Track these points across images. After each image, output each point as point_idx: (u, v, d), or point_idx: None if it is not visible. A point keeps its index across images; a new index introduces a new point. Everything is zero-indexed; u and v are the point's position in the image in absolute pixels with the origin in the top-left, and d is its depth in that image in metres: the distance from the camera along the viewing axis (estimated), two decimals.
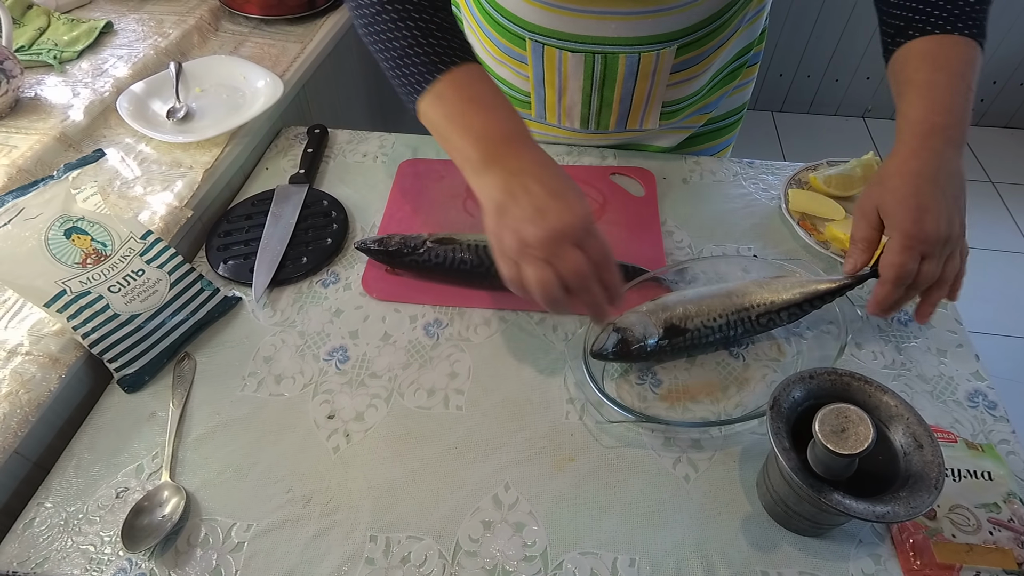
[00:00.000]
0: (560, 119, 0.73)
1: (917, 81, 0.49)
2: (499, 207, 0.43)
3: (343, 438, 0.51)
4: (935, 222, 0.46)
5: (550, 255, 0.42)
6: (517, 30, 0.65)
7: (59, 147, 0.70)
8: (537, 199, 0.42)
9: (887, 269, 0.48)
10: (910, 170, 0.48)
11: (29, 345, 0.53)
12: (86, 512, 0.47)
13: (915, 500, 0.36)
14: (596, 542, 0.45)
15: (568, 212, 0.42)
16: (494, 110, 0.47)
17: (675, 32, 0.62)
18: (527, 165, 0.44)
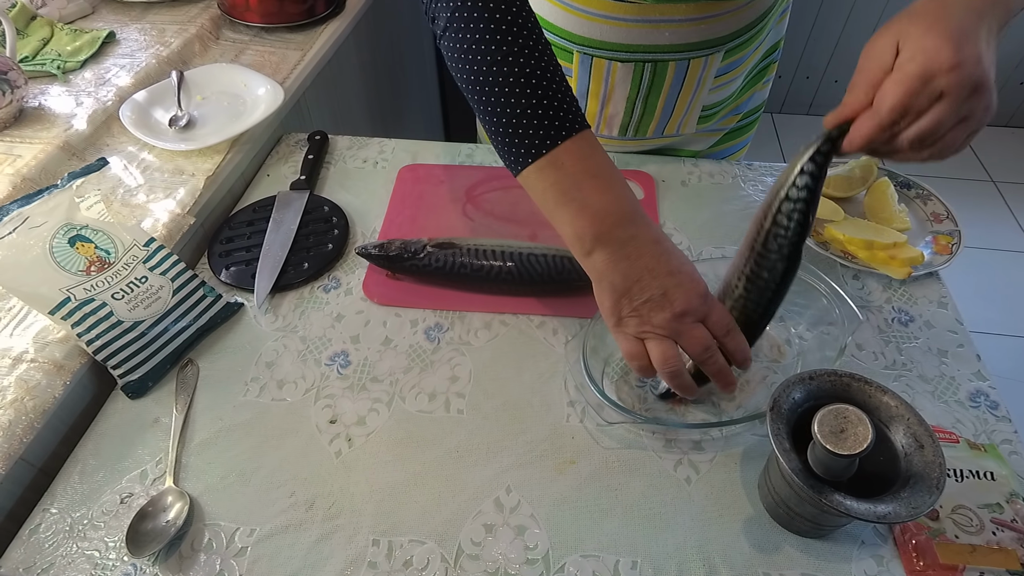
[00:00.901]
0: (599, 128, 0.73)
1: None
2: (619, 292, 0.44)
3: (345, 442, 0.51)
4: (973, 51, 0.35)
5: (674, 334, 0.44)
6: (564, 44, 0.65)
7: (63, 156, 0.71)
8: (658, 281, 0.43)
9: (885, 95, 0.37)
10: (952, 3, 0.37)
11: (34, 352, 0.53)
12: (91, 518, 0.47)
13: (916, 500, 0.36)
14: (598, 545, 0.45)
15: (690, 291, 0.43)
16: (612, 187, 0.45)
17: (725, 36, 0.62)
18: (644, 247, 0.44)
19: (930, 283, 0.62)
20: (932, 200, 0.68)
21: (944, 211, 0.66)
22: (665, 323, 0.43)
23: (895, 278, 0.61)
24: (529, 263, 0.59)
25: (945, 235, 0.64)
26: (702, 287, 0.44)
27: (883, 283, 0.62)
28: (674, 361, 0.44)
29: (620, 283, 0.44)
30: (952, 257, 0.61)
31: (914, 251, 0.61)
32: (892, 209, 0.66)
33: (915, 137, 0.37)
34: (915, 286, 0.61)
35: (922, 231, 0.66)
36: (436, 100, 1.67)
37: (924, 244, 0.64)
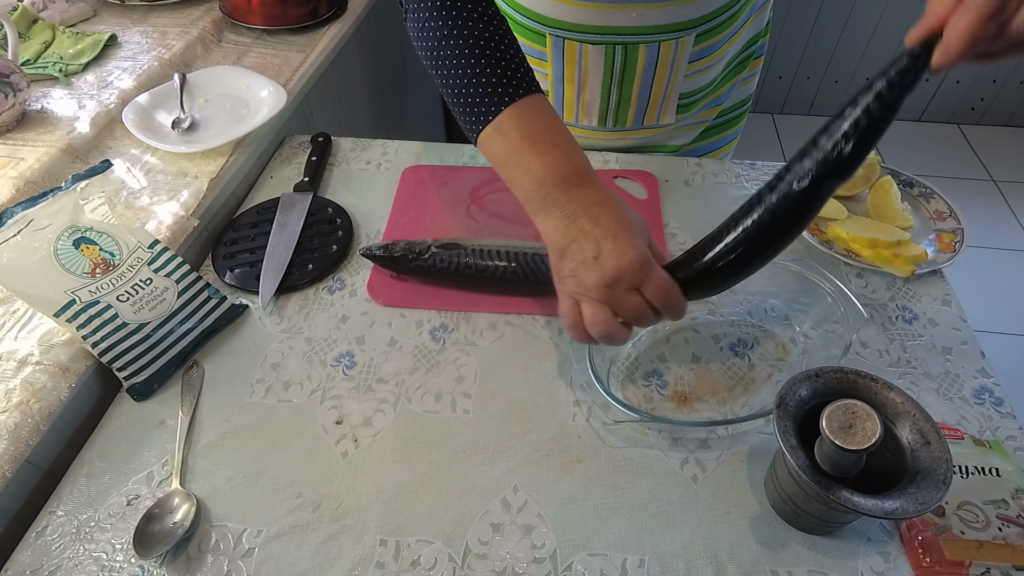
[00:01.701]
0: (579, 117, 0.73)
1: None
2: (560, 251, 0.44)
3: (351, 443, 0.51)
4: None
5: (607, 299, 0.43)
6: (536, 26, 0.66)
7: (66, 159, 0.71)
8: (592, 243, 0.42)
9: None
10: None
11: (39, 355, 0.53)
12: (98, 520, 0.47)
13: (923, 496, 0.36)
14: (605, 543, 0.45)
15: (623, 256, 0.42)
16: (554, 150, 0.46)
17: (694, 20, 0.63)
18: (584, 207, 0.44)
19: (934, 281, 0.62)
20: (935, 198, 0.68)
21: (947, 209, 0.67)
22: (597, 287, 0.42)
23: (899, 276, 0.61)
24: (534, 263, 0.59)
25: (948, 233, 0.64)
26: (639, 253, 0.42)
27: (887, 281, 0.62)
28: (604, 327, 0.43)
29: (561, 242, 0.44)
30: (955, 255, 0.62)
31: (918, 249, 0.61)
32: (895, 207, 0.66)
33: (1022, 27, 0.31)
34: (919, 284, 0.62)
35: (925, 229, 0.66)
36: (438, 101, 1.67)
37: (927, 242, 0.64)
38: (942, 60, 0.34)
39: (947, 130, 2.24)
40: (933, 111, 2.24)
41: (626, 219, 0.44)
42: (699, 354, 0.56)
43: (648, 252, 0.43)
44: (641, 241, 0.43)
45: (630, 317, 0.44)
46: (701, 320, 0.59)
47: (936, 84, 2.16)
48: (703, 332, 0.58)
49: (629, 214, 0.45)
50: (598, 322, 0.43)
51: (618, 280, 0.42)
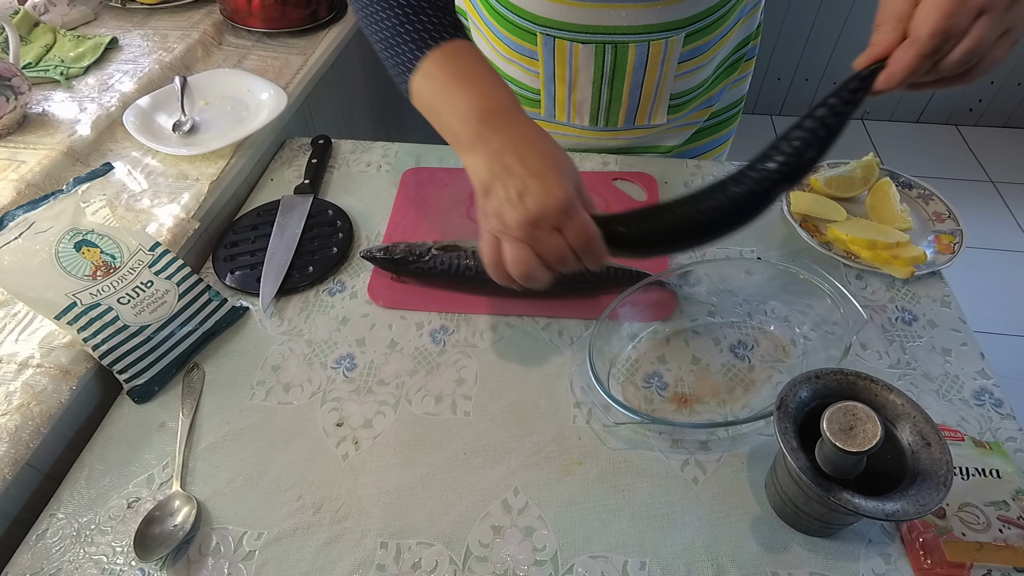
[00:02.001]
0: (570, 116, 0.73)
1: None
2: (484, 188, 0.43)
3: (352, 445, 0.51)
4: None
5: (528, 238, 0.42)
6: (528, 25, 0.66)
7: (67, 162, 0.71)
8: (516, 181, 0.41)
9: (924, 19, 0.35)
10: None
11: (40, 357, 0.53)
12: (98, 523, 0.47)
13: (924, 498, 0.36)
14: (606, 545, 0.45)
15: (547, 196, 0.40)
16: (478, 85, 0.45)
17: (683, 20, 0.63)
18: (510, 143, 0.43)
19: (933, 282, 0.62)
20: (934, 200, 0.68)
21: (946, 210, 0.67)
22: (520, 226, 0.41)
23: (898, 277, 0.61)
24: None
25: (947, 234, 0.65)
26: (564, 194, 0.41)
27: (886, 282, 0.62)
28: (524, 267, 0.42)
29: (485, 179, 0.43)
30: (954, 256, 0.62)
31: (917, 250, 0.62)
32: (894, 209, 0.66)
33: (960, 59, 0.35)
34: (918, 285, 0.62)
35: (924, 231, 0.66)
36: None
37: (926, 243, 0.64)
38: (884, 85, 0.39)
39: (945, 131, 2.24)
40: (931, 112, 2.24)
41: (553, 158, 0.42)
42: (699, 356, 0.57)
43: (573, 194, 0.42)
44: (567, 183, 0.42)
45: (550, 259, 0.42)
46: (701, 322, 0.59)
47: None
48: (703, 334, 0.58)
49: (558, 153, 0.43)
50: (519, 262, 0.42)
51: (541, 220, 0.41)
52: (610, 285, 0.60)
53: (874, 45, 0.39)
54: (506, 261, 0.43)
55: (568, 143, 0.78)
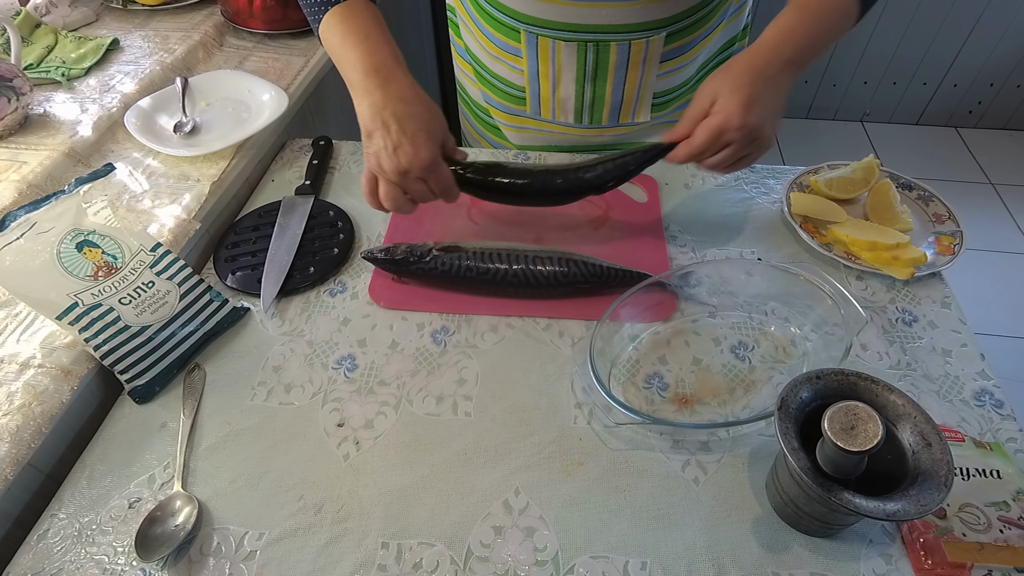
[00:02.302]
0: (555, 114, 0.75)
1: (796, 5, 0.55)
2: (367, 133, 0.54)
3: (353, 446, 0.51)
4: (758, 116, 0.52)
5: (399, 182, 0.54)
6: (511, 22, 0.67)
7: (68, 162, 0.71)
8: (393, 136, 0.52)
9: (696, 136, 0.54)
10: (755, 67, 0.53)
11: (42, 358, 0.53)
12: (99, 523, 0.47)
13: (925, 498, 0.36)
14: (607, 546, 0.45)
15: (415, 154, 0.52)
16: (366, 42, 0.55)
17: (664, 19, 0.64)
18: (389, 100, 0.53)
19: (933, 283, 0.62)
20: (934, 201, 0.68)
21: (946, 212, 0.67)
22: (392, 172, 0.53)
23: (898, 278, 0.61)
24: (535, 266, 0.60)
25: (947, 236, 0.65)
26: (428, 154, 0.52)
27: (887, 284, 0.62)
28: (393, 202, 0.55)
29: (368, 126, 0.53)
30: (955, 257, 0.62)
31: (917, 252, 0.62)
32: (894, 210, 0.66)
33: (711, 165, 0.55)
34: (918, 286, 0.62)
35: (924, 232, 0.66)
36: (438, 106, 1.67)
37: (927, 245, 0.64)
38: (670, 160, 0.57)
39: (945, 133, 2.25)
40: (931, 114, 2.25)
41: (425, 120, 0.53)
42: (700, 356, 0.57)
43: (436, 153, 0.54)
44: (433, 144, 0.53)
45: (415, 197, 0.56)
46: (702, 322, 0.59)
47: (933, 88, 2.17)
48: (703, 334, 0.58)
49: (428, 116, 0.54)
50: (389, 198, 0.55)
51: (409, 171, 0.53)
52: (611, 286, 0.60)
53: (675, 131, 0.56)
54: (380, 195, 0.55)
55: (554, 140, 0.79)
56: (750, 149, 0.54)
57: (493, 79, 0.76)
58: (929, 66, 2.11)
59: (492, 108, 0.81)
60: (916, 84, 2.17)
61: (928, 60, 2.10)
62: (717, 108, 0.52)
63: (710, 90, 0.54)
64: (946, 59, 2.09)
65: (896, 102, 2.23)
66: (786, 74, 0.54)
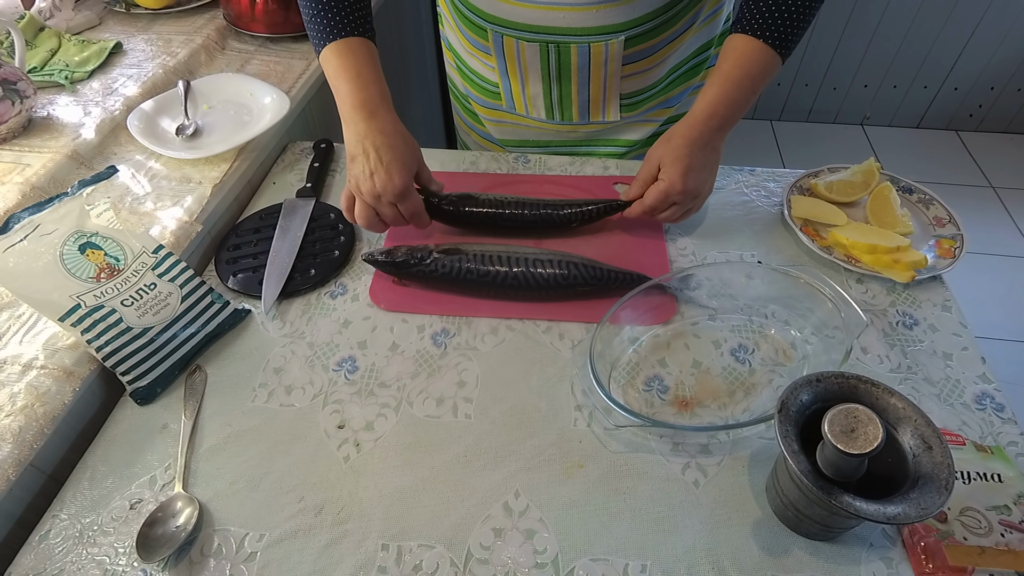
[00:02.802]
0: (528, 109, 0.77)
1: (723, 70, 0.61)
2: (351, 158, 0.60)
3: (353, 447, 0.51)
4: (696, 180, 0.61)
5: (373, 204, 0.60)
6: (480, 21, 0.69)
7: (71, 165, 0.72)
8: (371, 164, 0.58)
9: (647, 197, 0.63)
10: (691, 139, 0.61)
11: (44, 359, 0.54)
12: (100, 524, 0.47)
13: (926, 501, 0.36)
14: (607, 548, 0.45)
15: (389, 182, 0.58)
16: (357, 80, 0.60)
17: (622, 24, 0.65)
18: (371, 132, 0.59)
19: (934, 286, 0.62)
20: (934, 204, 0.68)
21: (946, 215, 0.67)
22: (368, 195, 0.59)
23: (899, 282, 0.61)
24: (535, 268, 0.60)
25: (948, 239, 0.65)
26: (401, 182, 0.59)
27: (887, 287, 0.62)
28: (366, 221, 0.61)
29: (352, 151, 0.60)
30: (955, 260, 0.62)
31: (917, 255, 0.62)
32: (895, 213, 0.66)
33: (665, 219, 0.64)
34: (919, 290, 0.62)
35: (925, 235, 0.66)
36: (438, 109, 1.68)
37: (927, 248, 0.65)
38: (628, 215, 0.66)
39: (945, 136, 2.25)
40: (931, 118, 2.25)
41: (400, 152, 0.59)
42: (700, 359, 0.57)
43: (408, 182, 0.60)
44: (406, 173, 0.59)
45: (387, 219, 0.62)
46: (702, 325, 0.59)
47: (934, 91, 2.17)
48: (703, 337, 0.58)
49: (403, 147, 0.60)
50: (363, 217, 0.61)
51: (382, 196, 0.59)
52: (611, 289, 0.60)
53: (629, 192, 0.66)
54: (355, 213, 0.61)
55: (531, 135, 0.81)
56: (692, 204, 0.63)
57: (471, 74, 0.79)
58: (929, 69, 2.12)
59: (472, 101, 0.83)
60: (916, 87, 2.17)
61: (928, 63, 2.10)
62: (662, 175, 0.61)
63: (656, 157, 0.63)
64: (947, 62, 2.09)
65: (896, 105, 2.23)
66: (718, 137, 0.62)
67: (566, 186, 0.74)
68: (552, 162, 0.78)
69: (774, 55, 0.60)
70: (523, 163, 0.79)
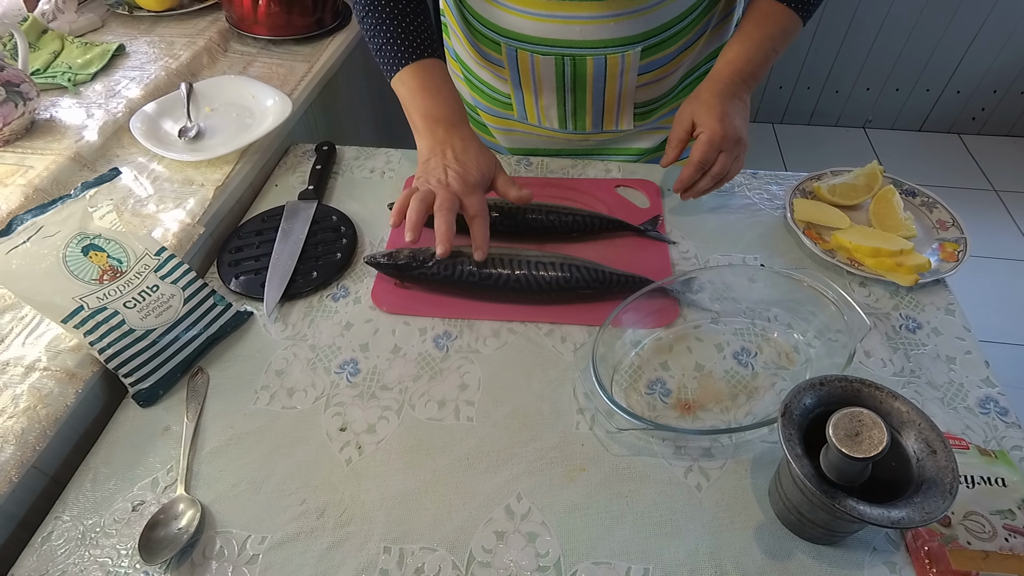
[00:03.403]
0: (540, 120, 0.77)
1: (745, 30, 0.65)
2: (425, 158, 0.61)
3: (355, 450, 0.51)
4: (733, 125, 0.62)
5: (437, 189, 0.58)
6: (492, 35, 0.69)
7: (74, 167, 0.72)
8: (446, 159, 0.60)
9: (694, 154, 0.62)
10: (718, 92, 0.63)
11: (47, 361, 0.54)
12: (103, 526, 0.47)
13: (930, 505, 0.36)
14: (609, 552, 0.45)
15: (461, 181, 0.59)
16: (436, 96, 0.63)
17: (638, 35, 0.65)
18: (449, 139, 0.61)
19: (937, 290, 0.62)
20: (938, 207, 0.68)
21: (950, 218, 0.67)
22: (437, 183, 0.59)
23: (902, 285, 0.61)
24: (537, 271, 0.60)
25: (951, 242, 0.65)
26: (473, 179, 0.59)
27: (890, 290, 0.62)
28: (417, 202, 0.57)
29: (425, 155, 0.62)
30: (959, 264, 0.62)
31: (921, 258, 0.62)
32: (898, 216, 0.66)
33: (715, 173, 0.63)
34: (922, 293, 0.62)
35: (928, 238, 0.66)
36: None
37: (930, 251, 0.64)
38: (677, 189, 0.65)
39: (948, 140, 2.25)
40: (934, 121, 2.25)
41: (474, 159, 0.60)
42: (702, 362, 0.57)
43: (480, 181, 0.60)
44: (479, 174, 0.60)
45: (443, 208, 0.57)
46: (704, 328, 0.59)
47: (936, 94, 2.17)
48: (706, 340, 0.58)
49: (478, 156, 0.61)
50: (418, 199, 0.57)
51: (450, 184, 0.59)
52: (613, 292, 0.60)
53: (666, 157, 0.65)
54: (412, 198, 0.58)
55: (541, 143, 0.81)
56: (737, 150, 0.63)
57: (481, 84, 0.78)
58: (932, 72, 2.12)
59: (480, 111, 0.82)
60: (919, 90, 2.17)
61: (931, 66, 2.10)
62: (701, 127, 0.62)
63: (686, 115, 0.63)
64: (949, 65, 2.09)
65: (899, 108, 2.23)
66: (743, 90, 0.64)
67: (568, 189, 0.74)
68: (554, 164, 0.78)
69: (795, 16, 0.63)
70: (525, 166, 0.79)
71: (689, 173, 0.62)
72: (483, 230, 0.58)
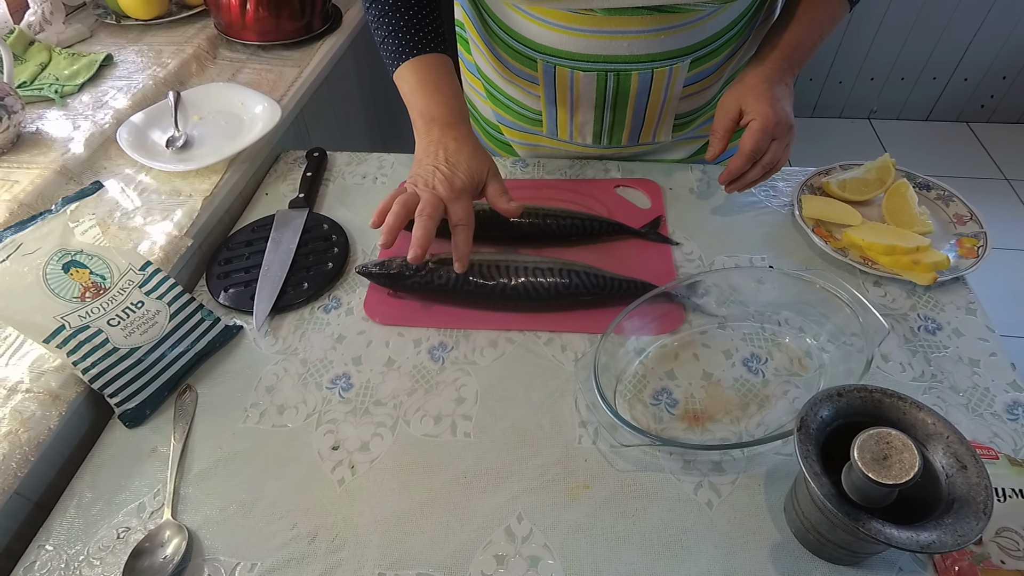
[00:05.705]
0: (572, 136, 0.73)
1: (791, 14, 0.63)
2: (418, 159, 0.59)
3: (348, 470, 0.49)
4: (784, 111, 0.59)
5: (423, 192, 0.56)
6: (528, 51, 0.65)
7: (60, 180, 0.70)
8: (437, 161, 0.57)
9: (746, 143, 0.59)
10: (766, 76, 0.61)
11: (29, 382, 0.52)
12: (87, 554, 0.45)
13: (962, 528, 0.34)
14: (616, 575, 0.42)
15: (447, 186, 0.55)
16: (436, 94, 0.60)
17: (689, 47, 0.62)
18: (444, 140, 0.58)
19: (956, 288, 0.59)
20: (954, 201, 0.65)
21: (967, 212, 0.64)
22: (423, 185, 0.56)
23: (920, 284, 0.58)
24: (535, 278, 0.57)
25: (970, 237, 0.62)
26: (460, 183, 0.56)
27: (907, 289, 0.59)
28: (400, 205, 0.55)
29: (419, 155, 0.59)
30: (979, 260, 0.59)
31: (939, 255, 0.59)
32: (913, 212, 0.63)
33: (767, 162, 0.60)
34: (941, 292, 0.59)
35: (945, 234, 0.63)
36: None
37: (948, 247, 0.61)
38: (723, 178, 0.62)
39: (956, 129, 2.20)
40: (941, 110, 2.20)
41: (466, 162, 0.57)
42: (710, 370, 0.54)
43: (469, 186, 0.56)
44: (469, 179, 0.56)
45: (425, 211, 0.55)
46: (711, 334, 0.57)
47: (943, 82, 2.13)
48: (713, 347, 0.56)
49: (473, 157, 0.57)
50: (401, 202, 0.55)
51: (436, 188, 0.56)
52: (615, 298, 0.58)
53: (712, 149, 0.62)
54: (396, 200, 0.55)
55: (569, 152, 0.77)
56: (788, 138, 0.60)
57: (508, 100, 0.75)
58: (938, 60, 2.07)
59: (504, 127, 0.79)
60: (925, 79, 2.13)
61: (937, 54, 2.06)
62: (751, 114, 0.59)
63: (732, 102, 0.60)
64: (956, 52, 2.05)
65: (904, 98, 2.18)
66: (788, 75, 0.62)
67: (566, 190, 0.72)
68: (551, 165, 0.76)
69: (843, 1, 0.62)
70: (521, 167, 0.76)
71: (740, 163, 0.59)
72: (466, 240, 0.55)
